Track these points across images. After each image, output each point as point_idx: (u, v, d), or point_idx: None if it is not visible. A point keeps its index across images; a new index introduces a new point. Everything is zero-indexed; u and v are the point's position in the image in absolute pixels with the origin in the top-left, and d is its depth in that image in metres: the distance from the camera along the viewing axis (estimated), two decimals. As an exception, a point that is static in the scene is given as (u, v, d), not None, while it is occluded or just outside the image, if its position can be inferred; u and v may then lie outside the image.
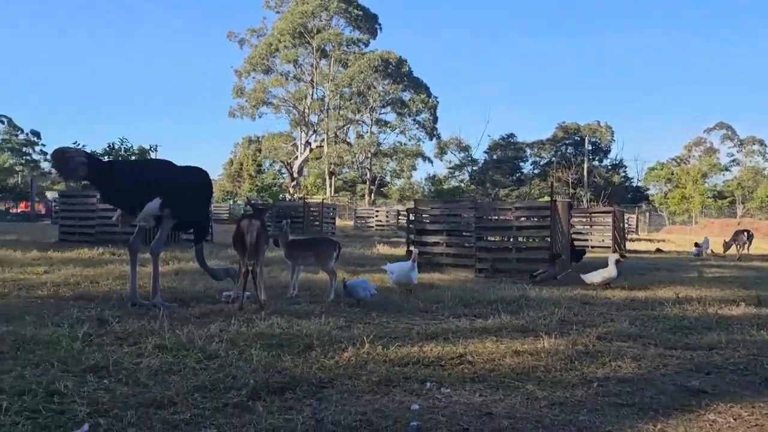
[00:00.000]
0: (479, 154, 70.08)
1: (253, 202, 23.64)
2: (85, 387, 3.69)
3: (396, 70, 59.02)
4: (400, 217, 35.48)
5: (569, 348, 4.99)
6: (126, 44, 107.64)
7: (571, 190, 60.11)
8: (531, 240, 11.61)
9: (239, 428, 3.18)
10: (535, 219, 11.68)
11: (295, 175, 61.40)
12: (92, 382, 3.81)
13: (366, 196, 62.25)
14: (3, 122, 67.82)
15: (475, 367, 4.43)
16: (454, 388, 3.95)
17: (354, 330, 5.55)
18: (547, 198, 24.14)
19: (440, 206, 12.72)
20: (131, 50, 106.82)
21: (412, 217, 12.37)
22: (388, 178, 69.63)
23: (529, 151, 70.78)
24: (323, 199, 42.05)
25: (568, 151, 68.73)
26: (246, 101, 60.45)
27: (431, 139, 64.89)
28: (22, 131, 69.22)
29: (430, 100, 61.15)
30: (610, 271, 9.00)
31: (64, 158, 6.24)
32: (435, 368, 4.39)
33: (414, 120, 63.15)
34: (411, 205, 12.79)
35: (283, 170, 66.82)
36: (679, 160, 68.91)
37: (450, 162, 69.97)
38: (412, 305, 7.13)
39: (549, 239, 10.80)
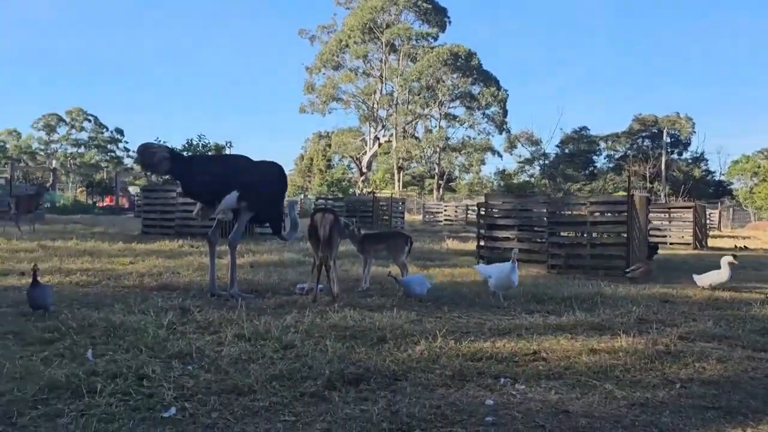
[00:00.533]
0: (550, 148, 68.50)
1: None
2: (171, 372, 3.87)
3: (465, 64, 58.44)
4: (469, 212, 35.20)
5: (649, 347, 4.82)
6: (202, 44, 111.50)
7: (648, 185, 57.88)
8: (606, 236, 11.26)
9: (316, 417, 3.26)
10: (610, 214, 11.33)
11: (364, 170, 61.93)
12: (177, 368, 4.00)
13: (434, 190, 62.05)
14: (90, 121, 71.72)
15: (549, 365, 4.35)
16: (528, 384, 3.91)
17: (426, 324, 5.57)
18: (622, 192, 23.32)
19: (511, 201, 12.53)
20: (207, 50, 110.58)
21: (482, 212, 12.24)
22: (456, 173, 69.16)
23: (602, 145, 68.56)
24: (392, 194, 42.25)
25: (644, 143, 66.17)
26: (316, 97, 61.42)
27: (501, 133, 63.95)
28: (107, 129, 73.04)
29: (500, 93, 60.21)
30: (723, 274, 8.33)
31: (148, 153, 6.56)
32: (508, 364, 4.35)
33: (483, 114, 62.39)
34: (480, 199, 12.63)
35: (352, 165, 67.50)
36: (767, 153, 65.05)
37: (520, 156, 68.76)
38: (483, 300, 7.08)
39: (625, 235, 10.46)
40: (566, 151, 67.87)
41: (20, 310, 5.55)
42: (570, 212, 11.81)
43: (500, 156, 66.78)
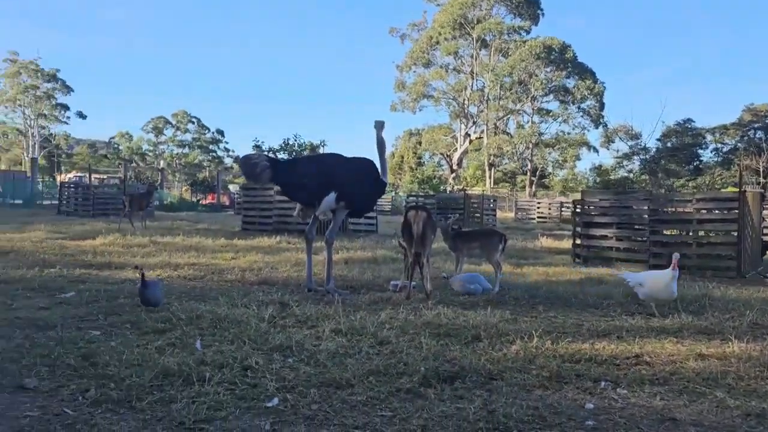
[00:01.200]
0: (651, 141, 65.19)
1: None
2: (273, 364, 4.03)
3: (559, 57, 56.76)
4: (563, 209, 34.21)
5: (765, 354, 4.52)
6: (295, 45, 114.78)
7: (762, 180, 53.89)
8: (713, 234, 10.62)
9: (413, 413, 3.30)
10: (718, 212, 10.66)
11: (455, 166, 61.57)
12: (278, 360, 4.16)
13: (526, 187, 60.74)
14: (193, 123, 75.59)
15: (653, 369, 4.17)
16: (631, 389, 3.76)
17: (521, 323, 5.48)
18: (732, 188, 21.85)
19: (610, 198, 12.06)
20: (300, 51, 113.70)
21: (578, 209, 11.88)
22: (549, 169, 67.26)
23: (709, 138, 64.43)
24: (483, 191, 41.76)
25: (757, 135, 61.57)
26: (407, 95, 61.66)
27: (597, 127, 61.58)
28: (209, 130, 76.68)
29: (596, 85, 58.01)
30: None
31: (250, 165, 6.88)
32: (609, 367, 4.21)
33: (578, 108, 60.37)
34: (576, 196, 12.25)
35: (443, 162, 67.28)
36: None
37: (618, 151, 65.86)
38: (580, 301, 6.88)
39: (736, 234, 9.82)
40: (668, 144, 64.29)
41: (136, 302, 5.94)
42: (674, 209, 11.23)
43: (596, 151, 64.34)
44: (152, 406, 3.29)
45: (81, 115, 70.74)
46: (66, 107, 69.20)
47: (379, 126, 7.29)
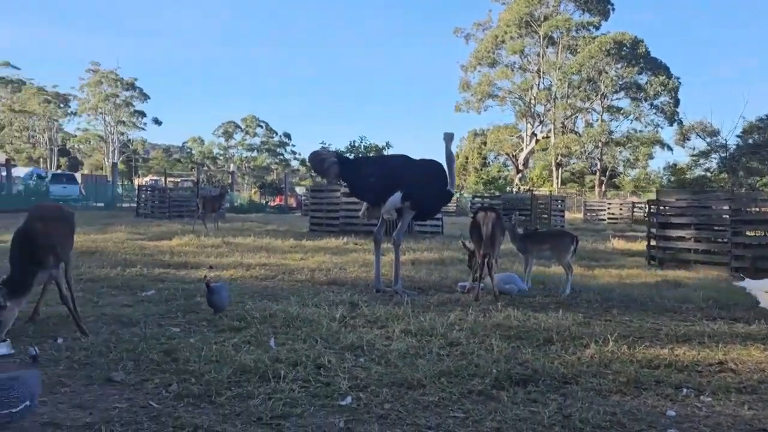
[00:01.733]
0: (731, 139, 62.06)
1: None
2: (345, 363, 4.09)
3: (630, 52, 54.86)
4: (635, 210, 33.06)
5: None
6: (358, 48, 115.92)
7: None
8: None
9: (485, 415, 3.27)
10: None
11: (521, 167, 60.56)
12: (350, 359, 4.21)
13: (596, 187, 59.00)
14: (262, 127, 77.54)
15: (740, 377, 3.98)
16: (715, 397, 3.61)
17: (594, 326, 5.34)
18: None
19: (687, 197, 11.57)
20: (364, 54, 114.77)
21: (653, 210, 11.46)
22: (620, 168, 65.11)
23: (796, 133, 60.81)
24: (550, 191, 40.89)
25: None
26: (472, 95, 61.10)
27: (671, 125, 59.07)
28: (277, 134, 78.51)
29: (671, 81, 55.74)
30: None
31: (318, 161, 7.02)
32: (690, 374, 4.05)
33: (651, 105, 58.14)
34: (649, 196, 11.82)
35: (508, 162, 66.30)
36: None
37: (694, 149, 63.03)
38: (656, 304, 6.64)
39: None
40: (750, 141, 61.08)
41: (211, 300, 6.16)
42: (758, 209, 10.67)
43: (670, 149, 61.70)
44: (231, 401, 3.39)
45: (156, 122, 73.74)
46: (143, 114, 72.32)
47: (448, 139, 7.27)
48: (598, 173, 59.71)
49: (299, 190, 53.29)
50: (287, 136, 78.48)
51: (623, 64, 55.38)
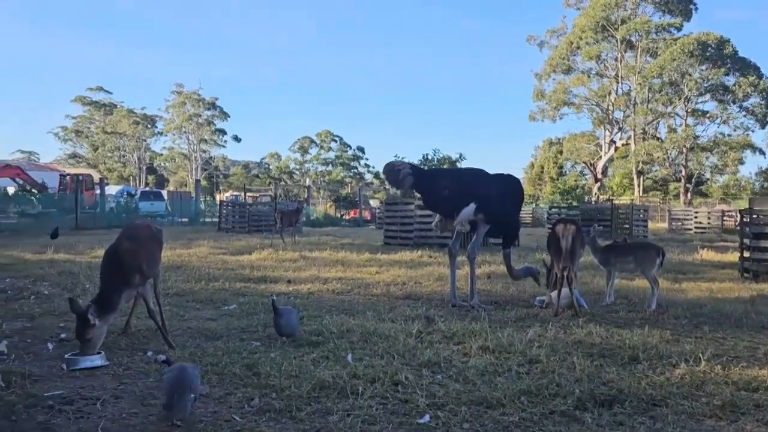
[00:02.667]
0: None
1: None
2: (422, 380, 4.06)
3: (716, 53, 52.27)
4: (725, 219, 31.37)
5: None
6: (429, 59, 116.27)
7: None
8: None
9: (569, 437, 3.16)
10: None
11: (599, 175, 58.71)
12: (427, 376, 4.18)
13: (681, 195, 56.40)
14: (336, 141, 79.06)
15: None
16: (824, 424, 3.34)
17: (684, 344, 5.08)
18: None
19: (783, 206, 10.84)
20: (434, 64, 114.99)
21: (746, 219, 10.81)
22: (707, 175, 62.00)
23: None
24: (632, 200, 39.40)
25: None
26: (546, 103, 59.91)
27: (763, 127, 55.71)
28: (351, 148, 79.84)
29: (762, 81, 52.62)
30: None
31: (393, 171, 7.06)
32: (794, 398, 3.77)
33: (740, 107, 55.07)
34: (740, 204, 11.16)
35: (586, 171, 64.46)
36: None
37: (789, 152, 59.18)
38: (752, 321, 6.25)
39: None
40: None
41: (290, 314, 6.30)
42: None
43: (762, 153, 58.22)
44: (311, 417, 3.44)
45: (236, 139, 76.61)
46: (223, 132, 75.32)
47: None
48: (683, 180, 57.04)
49: (373, 203, 53.85)
50: (361, 150, 79.72)
51: (708, 65, 52.87)
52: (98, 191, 33.81)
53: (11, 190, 31.84)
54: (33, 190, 31.33)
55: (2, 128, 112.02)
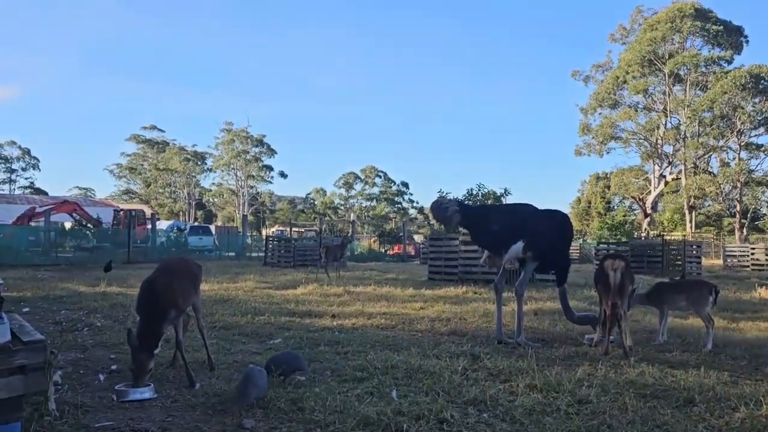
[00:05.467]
0: None
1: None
2: (468, 419, 3.99)
3: (770, 85, 50.95)
4: (785, 255, 30.04)
5: None
6: (471, 95, 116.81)
7: None
8: None
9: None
10: None
11: (649, 210, 57.29)
12: (473, 414, 4.11)
13: (736, 231, 54.47)
14: (380, 177, 79.71)
15: None
16: None
17: (743, 387, 4.86)
18: None
19: None
20: (478, 100, 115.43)
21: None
22: (764, 210, 59.89)
23: None
24: (684, 236, 38.26)
25: None
26: (592, 138, 59.18)
27: (821, 161, 53.75)
28: (395, 183, 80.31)
29: (819, 113, 50.95)
30: None
31: (441, 209, 7.07)
32: None
33: (796, 140, 53.33)
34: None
35: (635, 206, 63.04)
36: None
37: None
38: (818, 363, 5.93)
39: None
40: None
41: (335, 350, 6.30)
42: None
43: (823, 188, 56.02)
44: (355, 454, 3.41)
45: (282, 175, 77.95)
46: (270, 168, 76.85)
47: None
48: (737, 216, 55.15)
49: (417, 238, 53.71)
50: (405, 185, 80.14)
51: (761, 98, 51.51)
52: (149, 226, 34.78)
53: (68, 225, 33.04)
54: (88, 225, 32.43)
55: (62, 165, 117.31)
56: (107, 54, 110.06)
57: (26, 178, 78.41)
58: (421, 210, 78.92)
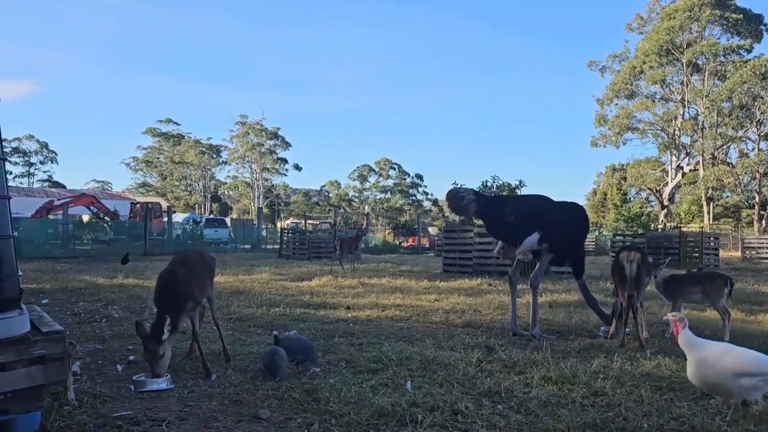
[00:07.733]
0: None
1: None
2: (482, 410, 3.99)
3: (791, 74, 50.08)
4: (804, 247, 29.62)
5: None
6: (487, 86, 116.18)
7: None
8: None
9: (637, 474, 3.04)
10: None
11: (666, 202, 56.74)
12: (487, 405, 4.10)
13: (755, 222, 53.80)
14: (394, 169, 79.68)
15: None
16: None
17: (761, 380, 4.80)
18: None
19: None
20: (492, 91, 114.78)
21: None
22: (783, 201, 59.03)
23: None
24: (701, 228, 37.85)
25: None
26: (609, 129, 58.63)
27: (843, 151, 52.82)
28: (409, 175, 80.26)
29: (841, 103, 50.04)
30: None
31: (456, 199, 7.03)
32: None
33: (818, 129, 52.47)
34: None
35: (651, 198, 62.50)
36: None
37: None
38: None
39: None
40: None
41: (350, 341, 6.33)
42: None
43: (844, 177, 55.07)
44: (370, 444, 3.43)
45: (297, 167, 78.29)
46: (285, 161, 77.20)
47: None
48: (756, 207, 54.44)
49: (432, 230, 53.68)
50: (419, 177, 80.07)
51: (782, 87, 50.65)
52: (166, 218, 35.07)
53: (86, 217, 33.41)
54: (106, 218, 32.77)
55: (79, 159, 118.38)
56: (124, 48, 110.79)
57: (44, 172, 79.48)
58: (435, 202, 78.86)
